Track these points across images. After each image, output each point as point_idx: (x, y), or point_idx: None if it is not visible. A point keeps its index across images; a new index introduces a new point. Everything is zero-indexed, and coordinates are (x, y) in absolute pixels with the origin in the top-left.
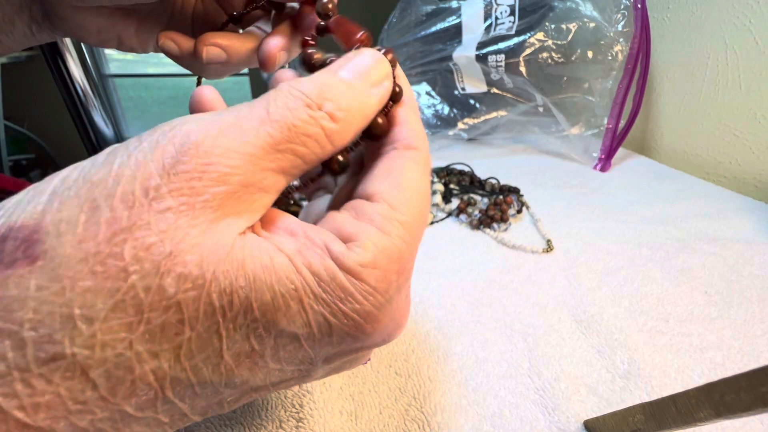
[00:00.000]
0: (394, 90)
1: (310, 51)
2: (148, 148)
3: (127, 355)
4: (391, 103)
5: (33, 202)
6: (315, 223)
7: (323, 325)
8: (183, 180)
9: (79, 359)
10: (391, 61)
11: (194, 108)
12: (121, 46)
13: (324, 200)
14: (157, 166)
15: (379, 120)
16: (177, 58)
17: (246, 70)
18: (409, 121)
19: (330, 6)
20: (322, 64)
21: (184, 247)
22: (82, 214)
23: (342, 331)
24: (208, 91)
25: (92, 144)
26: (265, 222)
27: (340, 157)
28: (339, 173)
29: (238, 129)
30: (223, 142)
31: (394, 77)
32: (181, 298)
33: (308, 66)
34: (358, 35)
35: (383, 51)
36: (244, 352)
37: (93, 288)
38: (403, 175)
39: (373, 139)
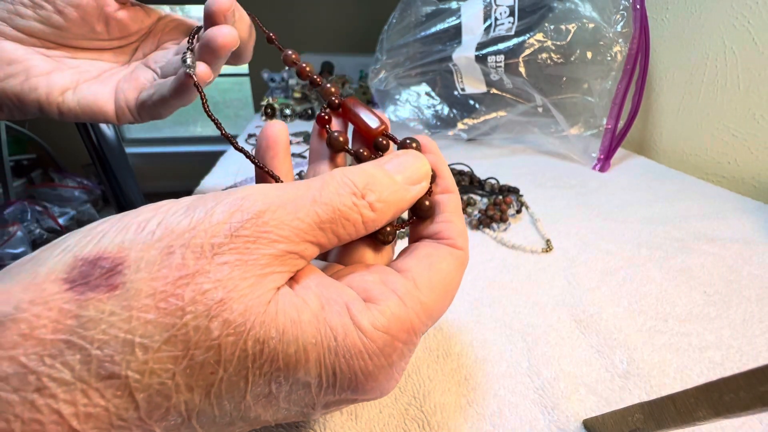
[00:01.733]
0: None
1: (337, 135)
2: (221, 211)
3: (168, 384)
4: (431, 189)
5: (120, 236)
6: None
7: (331, 377)
8: (242, 242)
9: (130, 381)
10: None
11: (265, 143)
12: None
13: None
14: (225, 228)
15: (426, 203)
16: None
17: (246, 71)
18: (456, 221)
19: (333, 90)
20: (369, 157)
21: (234, 296)
22: (160, 256)
23: (344, 384)
24: (278, 127)
25: (93, 144)
26: (296, 276)
27: (388, 228)
28: (384, 244)
29: (294, 206)
30: (279, 216)
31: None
32: (222, 341)
33: (359, 159)
34: (376, 127)
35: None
36: (263, 395)
37: (154, 321)
38: (439, 264)
39: (421, 218)
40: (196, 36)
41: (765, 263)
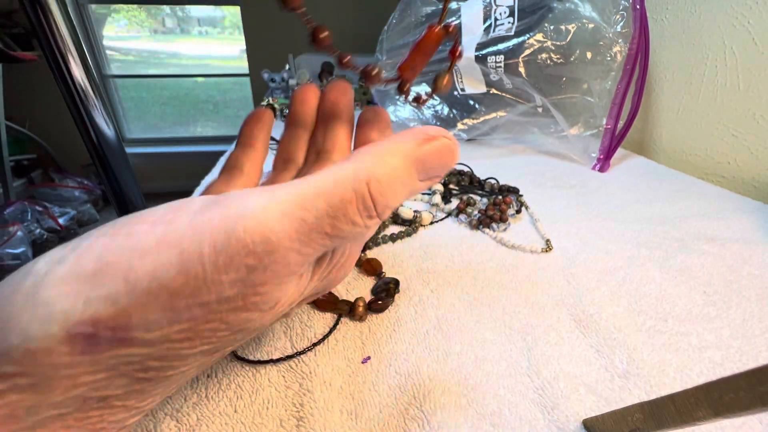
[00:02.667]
0: None
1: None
2: (224, 264)
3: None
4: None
5: (109, 288)
6: None
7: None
8: (250, 286)
9: None
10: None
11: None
12: None
13: None
14: (232, 285)
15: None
16: None
17: (247, 71)
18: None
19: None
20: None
21: None
22: (165, 319)
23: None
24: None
25: (93, 144)
26: None
27: None
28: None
29: (300, 230)
30: (284, 249)
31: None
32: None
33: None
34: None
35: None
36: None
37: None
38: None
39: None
40: None
41: (765, 263)
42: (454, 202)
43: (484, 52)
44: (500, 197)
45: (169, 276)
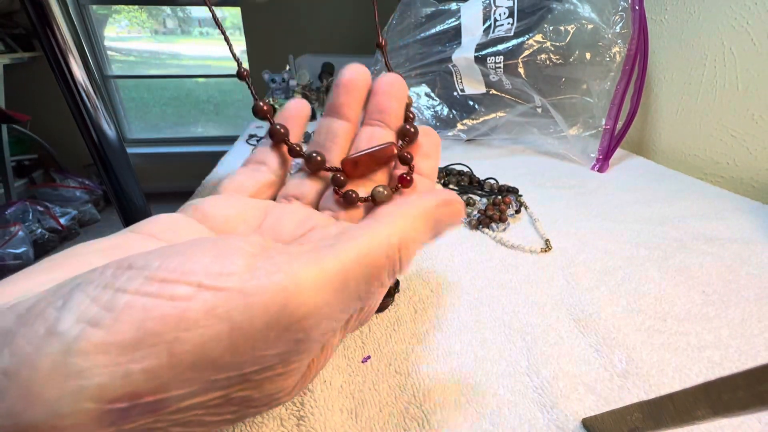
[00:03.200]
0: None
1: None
2: (263, 338)
3: None
4: (411, 168)
5: (144, 364)
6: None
7: None
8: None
9: None
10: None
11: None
12: None
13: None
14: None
15: (407, 177)
16: None
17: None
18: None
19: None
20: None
21: None
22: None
23: None
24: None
25: (94, 145)
26: None
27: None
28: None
29: (334, 303)
30: (319, 317)
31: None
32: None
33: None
34: (389, 146)
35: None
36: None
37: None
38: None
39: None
40: None
41: (763, 263)
42: None
43: (483, 52)
44: (500, 197)
45: (217, 352)
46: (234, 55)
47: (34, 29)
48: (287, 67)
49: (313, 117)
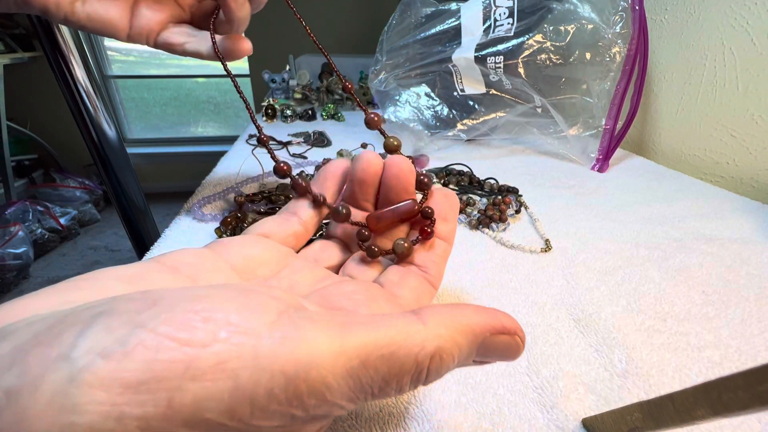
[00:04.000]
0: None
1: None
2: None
3: None
4: (431, 223)
5: (151, 416)
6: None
7: None
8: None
9: None
10: None
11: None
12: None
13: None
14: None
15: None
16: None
17: (247, 71)
18: (441, 266)
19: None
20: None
21: None
22: None
23: None
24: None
25: (94, 145)
26: None
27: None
28: (372, 257)
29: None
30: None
31: None
32: None
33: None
34: (414, 208)
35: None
36: None
37: None
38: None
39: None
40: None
41: (763, 263)
42: None
43: (483, 52)
44: (500, 197)
45: (215, 412)
46: (253, 120)
47: (34, 29)
48: (287, 67)
49: (313, 117)
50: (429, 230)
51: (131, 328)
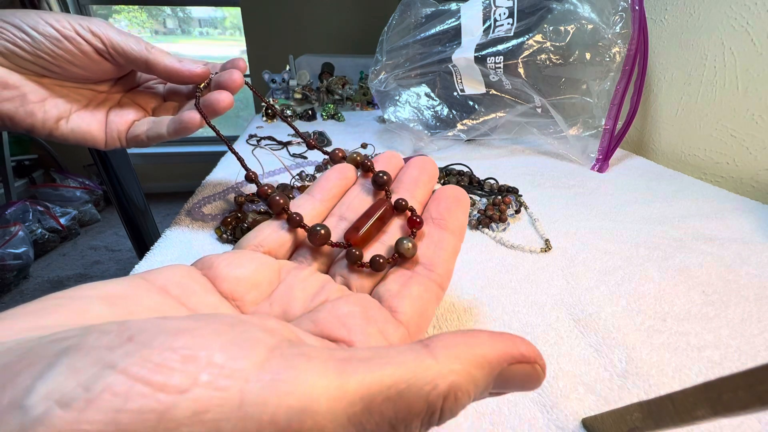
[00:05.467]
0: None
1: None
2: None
3: None
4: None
5: None
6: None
7: None
8: None
9: None
10: None
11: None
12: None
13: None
14: None
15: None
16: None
17: (247, 72)
18: (450, 262)
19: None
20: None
21: None
22: None
23: None
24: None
25: None
26: None
27: (380, 260)
28: (378, 270)
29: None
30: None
31: None
32: None
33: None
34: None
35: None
36: None
37: None
38: (428, 310)
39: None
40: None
41: (763, 263)
42: None
43: (483, 53)
44: (499, 197)
45: None
46: (241, 161)
47: None
48: (287, 67)
49: (313, 117)
50: (417, 219)
51: (100, 369)
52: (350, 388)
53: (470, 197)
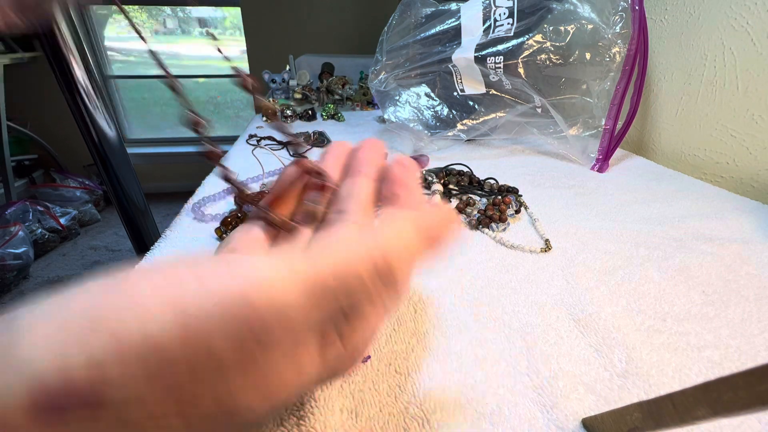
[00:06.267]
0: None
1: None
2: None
3: None
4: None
5: (97, 353)
6: None
7: None
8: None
9: None
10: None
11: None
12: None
13: None
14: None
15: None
16: None
17: (247, 72)
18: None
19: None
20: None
21: None
22: None
23: None
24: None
25: (95, 145)
26: None
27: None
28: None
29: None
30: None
31: None
32: None
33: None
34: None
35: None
36: None
37: None
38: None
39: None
40: None
41: (763, 263)
42: (454, 202)
43: (483, 53)
44: (499, 197)
45: (166, 340)
46: (230, 180)
47: (35, 29)
48: (287, 67)
49: (313, 117)
50: (321, 183)
51: (68, 293)
52: (298, 270)
53: (470, 197)
